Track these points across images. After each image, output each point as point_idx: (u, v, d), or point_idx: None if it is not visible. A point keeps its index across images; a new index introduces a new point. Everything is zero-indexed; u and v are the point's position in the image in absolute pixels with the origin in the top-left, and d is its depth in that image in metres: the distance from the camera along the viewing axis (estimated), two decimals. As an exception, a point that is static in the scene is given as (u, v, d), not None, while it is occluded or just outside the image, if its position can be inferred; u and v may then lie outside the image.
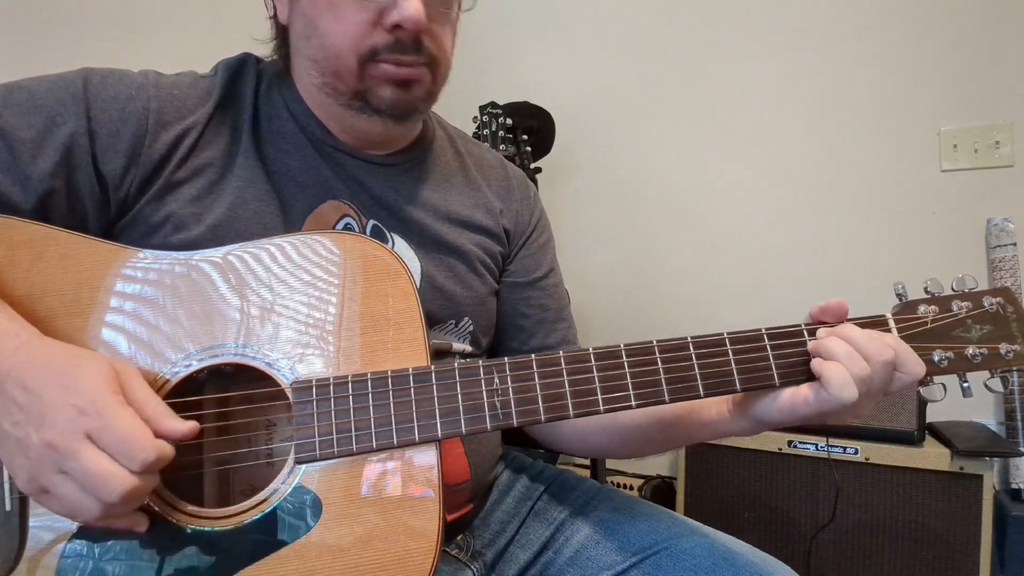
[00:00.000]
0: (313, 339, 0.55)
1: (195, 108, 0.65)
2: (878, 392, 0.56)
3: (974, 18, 1.58)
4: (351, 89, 0.65)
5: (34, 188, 0.57)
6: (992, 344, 0.58)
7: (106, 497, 0.45)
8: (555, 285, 0.86)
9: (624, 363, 0.56)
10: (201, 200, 0.63)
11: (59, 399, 0.47)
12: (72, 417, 0.46)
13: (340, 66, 0.64)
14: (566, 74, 2.03)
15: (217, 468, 0.58)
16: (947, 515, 1.28)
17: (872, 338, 0.55)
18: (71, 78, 0.61)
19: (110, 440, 0.46)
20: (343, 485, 0.53)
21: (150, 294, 0.55)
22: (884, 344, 0.55)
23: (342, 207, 0.69)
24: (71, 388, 0.47)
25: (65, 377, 0.48)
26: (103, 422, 0.46)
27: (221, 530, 0.52)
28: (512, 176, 0.86)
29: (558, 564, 0.72)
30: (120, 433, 0.46)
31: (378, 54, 0.63)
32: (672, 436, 0.70)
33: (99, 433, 0.46)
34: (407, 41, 0.63)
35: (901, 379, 0.56)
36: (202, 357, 0.54)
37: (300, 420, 0.53)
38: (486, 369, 0.55)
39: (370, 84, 0.65)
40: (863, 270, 1.65)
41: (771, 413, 0.59)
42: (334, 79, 0.65)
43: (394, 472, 0.53)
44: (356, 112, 0.67)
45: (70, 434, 0.45)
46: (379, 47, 0.63)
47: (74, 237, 0.56)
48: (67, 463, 0.46)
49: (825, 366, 0.55)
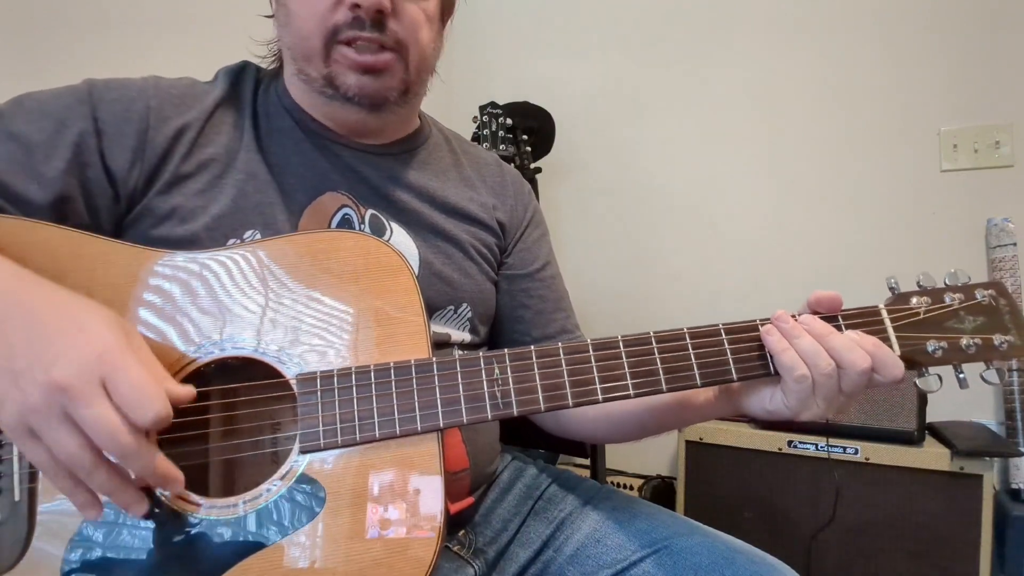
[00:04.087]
0: (317, 334, 0.57)
1: (193, 106, 0.68)
2: (853, 392, 0.56)
3: (974, 18, 1.58)
4: (320, 75, 0.67)
5: (49, 187, 0.60)
6: (986, 335, 0.58)
7: (112, 448, 0.44)
8: (552, 277, 0.88)
9: (622, 353, 0.57)
10: (206, 193, 0.66)
11: (74, 341, 0.45)
12: (89, 360, 0.44)
13: (308, 48, 0.67)
14: (566, 74, 2.03)
15: (222, 458, 0.58)
16: (947, 515, 1.28)
17: (849, 347, 0.56)
18: (76, 86, 0.65)
19: (126, 389, 0.44)
20: (346, 475, 0.53)
21: (160, 292, 0.56)
22: (862, 354, 0.55)
23: (340, 198, 0.71)
24: (87, 331, 0.46)
25: (77, 320, 0.46)
26: (121, 368, 0.44)
27: (226, 519, 0.52)
28: (506, 173, 0.88)
29: (559, 562, 0.73)
30: (134, 383, 0.44)
31: (339, 32, 0.65)
32: (666, 421, 0.71)
33: (115, 379, 0.44)
34: (366, 19, 0.65)
35: (879, 380, 0.57)
36: (210, 351, 0.56)
37: (304, 411, 0.54)
38: (486, 360, 0.56)
39: (335, 69, 0.67)
40: (863, 270, 1.66)
41: (751, 404, 0.61)
42: (305, 64, 0.68)
43: (396, 461, 0.54)
44: (329, 99, 0.69)
45: (86, 377, 0.44)
46: (340, 24, 0.65)
47: (87, 237, 0.57)
48: (78, 408, 0.43)
49: (783, 354, 0.56)
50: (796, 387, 0.56)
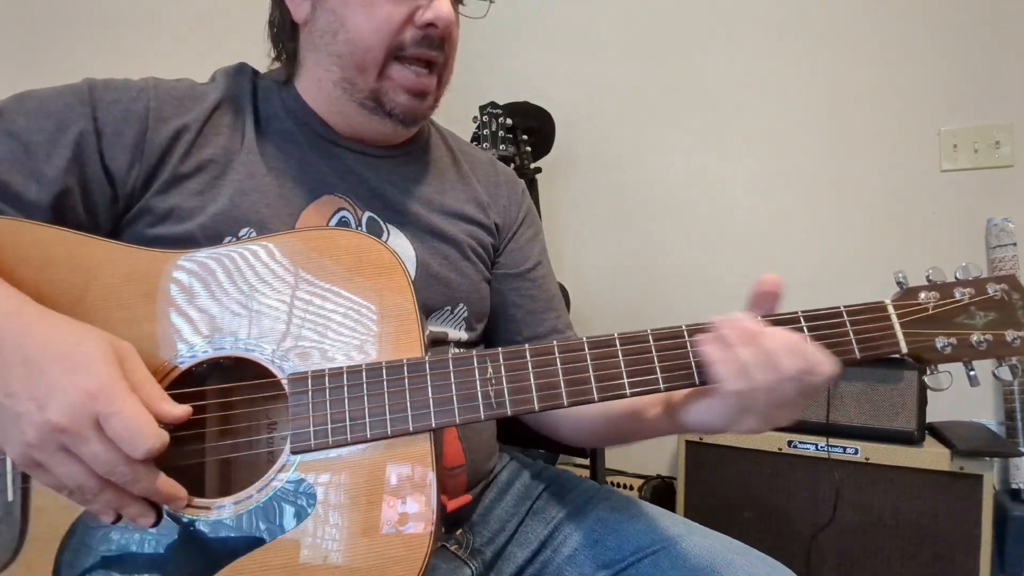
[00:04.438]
0: (310, 333, 0.56)
1: (192, 107, 0.68)
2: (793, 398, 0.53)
3: (974, 18, 1.58)
4: (369, 87, 0.69)
5: (49, 186, 0.60)
6: (997, 331, 0.56)
7: (112, 478, 0.47)
8: (544, 277, 0.87)
9: (618, 351, 0.56)
10: (203, 194, 0.66)
11: (67, 381, 0.47)
12: (82, 401, 0.46)
13: (366, 60, 0.68)
14: (566, 74, 2.03)
15: (217, 459, 0.58)
16: (947, 515, 1.28)
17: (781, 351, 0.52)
18: (76, 86, 0.65)
19: (119, 427, 0.46)
20: (338, 475, 0.53)
21: (153, 292, 0.56)
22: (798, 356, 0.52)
23: (338, 201, 0.72)
24: (80, 369, 0.47)
25: (70, 357, 0.48)
26: (113, 407, 0.46)
27: (218, 519, 0.52)
28: (500, 173, 0.89)
29: (556, 563, 0.73)
30: (128, 421, 0.46)
31: (405, 48, 0.68)
32: (622, 431, 0.72)
33: (108, 419, 0.46)
34: (435, 38, 0.68)
35: (812, 382, 0.52)
36: (203, 351, 0.56)
37: (295, 411, 0.54)
38: (479, 359, 0.56)
39: (387, 86, 0.69)
40: (863, 270, 1.65)
41: (689, 420, 0.60)
42: (355, 74, 0.69)
43: (388, 460, 0.54)
44: (369, 112, 0.71)
45: (80, 418, 0.46)
46: (407, 42, 0.67)
47: (81, 238, 0.57)
48: (75, 447, 0.46)
49: (716, 366, 0.53)
50: (733, 400, 0.54)
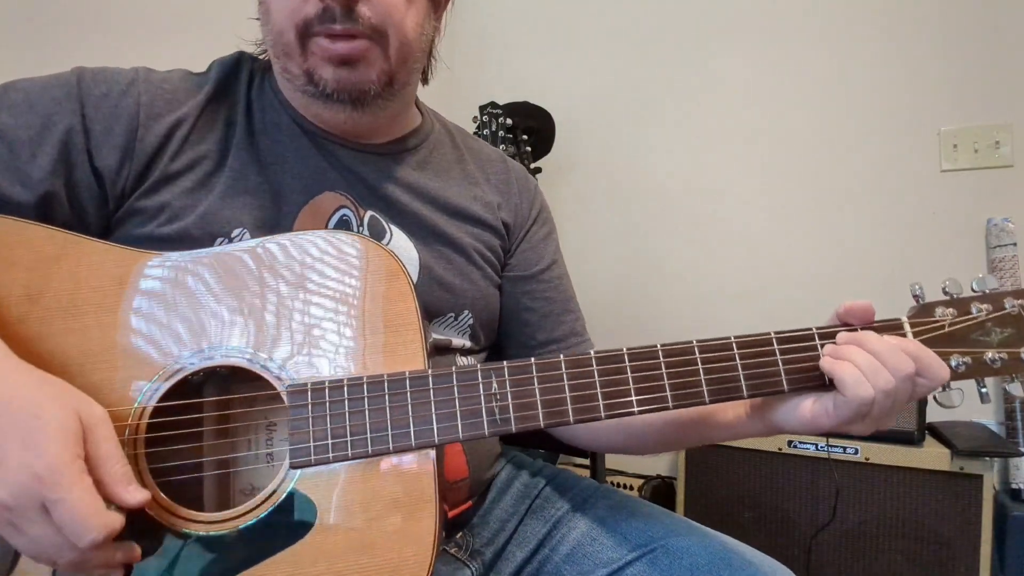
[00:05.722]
0: (309, 341, 0.55)
1: (185, 100, 0.65)
2: (902, 402, 0.55)
3: (974, 18, 1.57)
4: (300, 70, 0.64)
5: (35, 187, 0.58)
6: (1012, 348, 0.56)
7: (58, 560, 0.46)
8: (559, 277, 0.84)
9: (627, 367, 0.55)
10: (195, 192, 0.63)
11: (17, 458, 0.44)
12: (28, 483, 0.44)
13: (286, 44, 0.63)
14: (566, 74, 2.02)
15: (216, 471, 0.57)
16: (947, 515, 1.28)
17: (893, 350, 0.54)
18: (65, 78, 0.62)
19: (62, 515, 0.44)
20: (338, 490, 0.52)
21: (147, 295, 0.55)
22: (904, 357, 0.54)
23: (339, 198, 0.69)
24: (31, 447, 0.45)
25: (26, 431, 0.45)
26: (58, 495, 0.44)
27: (216, 535, 0.51)
28: (512, 170, 0.85)
29: (555, 561, 0.72)
30: (72, 512, 0.44)
31: (312, 26, 0.61)
32: (687, 437, 0.69)
33: (53, 505, 0.44)
34: (336, 7, 0.60)
35: (924, 385, 0.55)
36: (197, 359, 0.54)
37: (295, 424, 0.52)
38: (484, 373, 0.54)
39: (312, 64, 0.63)
40: (863, 270, 1.65)
41: (790, 423, 0.58)
42: (286, 60, 0.64)
43: (390, 477, 0.52)
44: (312, 98, 0.65)
45: (25, 501, 0.44)
46: (311, 17, 0.61)
47: (72, 237, 0.56)
48: (22, 526, 0.45)
49: (837, 366, 0.54)
50: (856, 404, 0.54)
